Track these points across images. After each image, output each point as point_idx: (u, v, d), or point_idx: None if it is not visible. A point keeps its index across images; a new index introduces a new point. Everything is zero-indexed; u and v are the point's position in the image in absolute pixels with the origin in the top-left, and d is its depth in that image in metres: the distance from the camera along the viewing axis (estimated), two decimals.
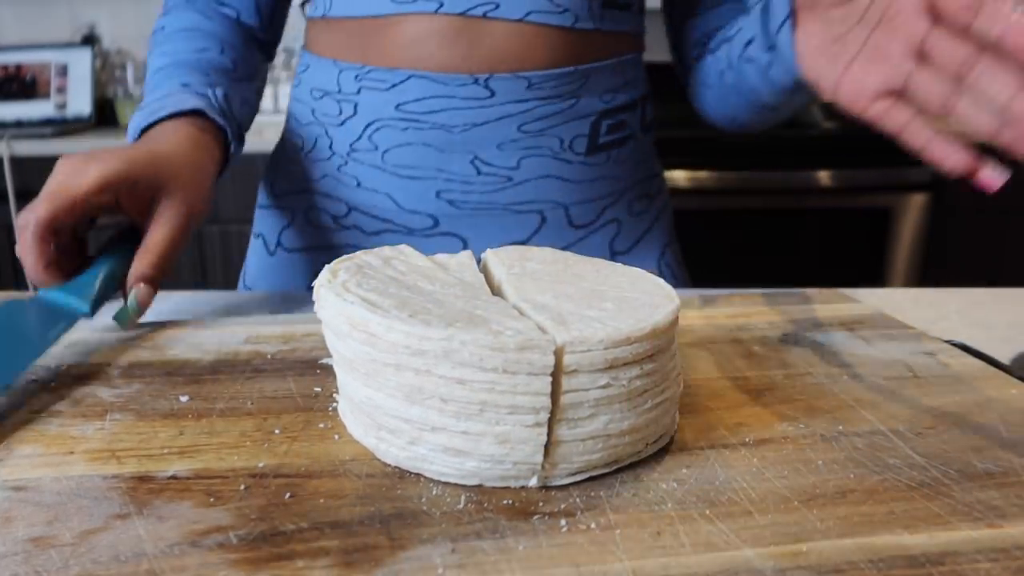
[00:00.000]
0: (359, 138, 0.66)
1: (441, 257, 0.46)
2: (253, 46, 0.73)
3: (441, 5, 0.62)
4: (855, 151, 1.98)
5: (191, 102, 0.60)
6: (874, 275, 2.07)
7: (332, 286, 0.38)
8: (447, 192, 0.66)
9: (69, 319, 0.48)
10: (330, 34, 0.68)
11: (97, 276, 0.51)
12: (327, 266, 0.41)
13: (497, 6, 0.62)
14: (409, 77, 0.63)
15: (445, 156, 0.64)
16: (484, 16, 0.62)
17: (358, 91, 0.65)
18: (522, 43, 0.63)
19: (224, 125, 0.62)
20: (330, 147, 0.68)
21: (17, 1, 2.31)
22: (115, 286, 0.52)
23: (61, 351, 0.49)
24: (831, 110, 2.12)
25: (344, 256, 0.43)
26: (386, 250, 0.45)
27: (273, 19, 0.75)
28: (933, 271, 2.07)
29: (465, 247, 0.67)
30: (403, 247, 0.46)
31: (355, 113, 0.66)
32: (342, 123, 0.67)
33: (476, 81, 0.63)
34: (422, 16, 0.63)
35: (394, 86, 0.64)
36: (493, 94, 0.63)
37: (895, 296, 0.68)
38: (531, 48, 0.63)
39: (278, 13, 0.75)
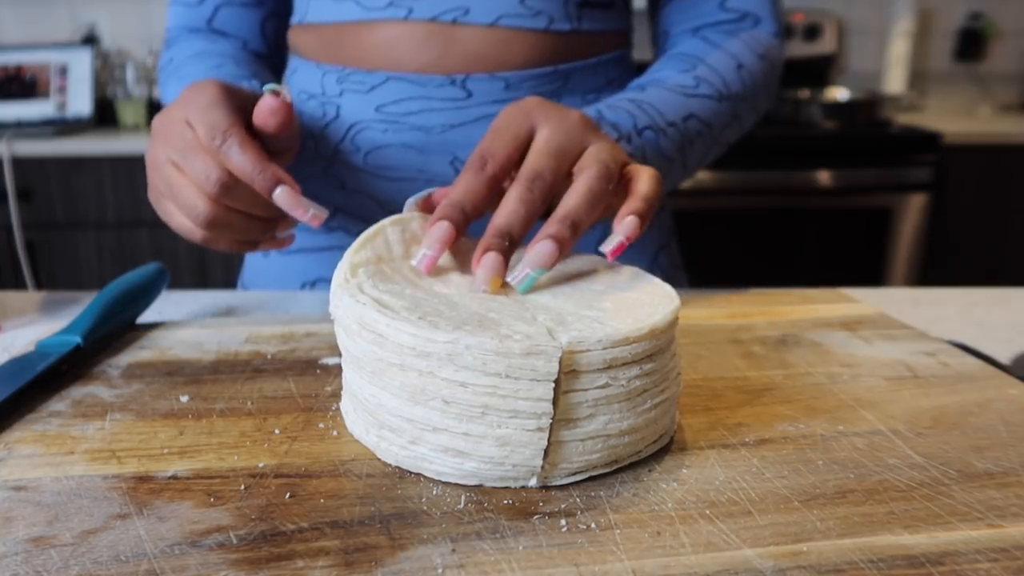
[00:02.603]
0: (342, 140, 0.66)
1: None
2: (264, 63, 0.73)
3: (410, 11, 0.62)
4: (855, 151, 1.99)
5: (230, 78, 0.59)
6: (874, 275, 2.07)
7: (348, 287, 0.38)
8: None
9: (60, 351, 0.47)
10: (310, 38, 0.68)
11: (93, 313, 0.50)
12: (347, 266, 0.41)
13: (467, 11, 0.61)
14: (387, 79, 0.63)
15: (424, 157, 0.64)
16: (454, 22, 0.62)
17: (340, 93, 0.66)
18: (497, 45, 0.62)
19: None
20: (316, 150, 0.68)
21: (17, 1, 2.31)
22: (108, 323, 0.52)
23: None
24: (831, 110, 2.12)
25: (371, 228, 0.43)
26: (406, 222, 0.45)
27: (278, 42, 0.74)
28: (933, 271, 2.07)
29: None
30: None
31: (337, 115, 0.66)
32: (326, 125, 0.67)
33: (453, 82, 0.62)
34: (393, 22, 0.63)
35: (373, 88, 0.64)
36: (470, 95, 0.63)
37: (895, 296, 0.68)
38: (507, 50, 0.63)
39: (281, 35, 0.75)
